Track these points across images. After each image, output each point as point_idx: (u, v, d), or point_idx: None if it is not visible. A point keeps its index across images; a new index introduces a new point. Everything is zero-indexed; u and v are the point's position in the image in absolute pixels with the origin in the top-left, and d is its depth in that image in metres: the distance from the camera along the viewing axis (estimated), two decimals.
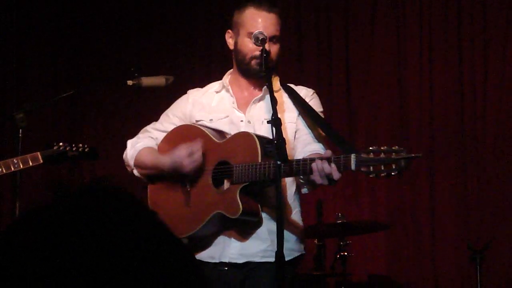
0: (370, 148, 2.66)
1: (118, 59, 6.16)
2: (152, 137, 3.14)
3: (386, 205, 5.59)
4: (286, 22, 3.20)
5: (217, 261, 2.95)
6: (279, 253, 2.61)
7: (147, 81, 3.54)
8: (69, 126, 6.24)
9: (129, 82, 3.51)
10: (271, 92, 2.79)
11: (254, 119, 3.00)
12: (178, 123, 3.13)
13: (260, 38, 2.91)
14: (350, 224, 4.64)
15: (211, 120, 3.06)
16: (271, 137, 2.73)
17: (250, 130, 2.97)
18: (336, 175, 2.66)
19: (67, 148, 3.80)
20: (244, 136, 2.90)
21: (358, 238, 5.17)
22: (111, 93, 6.16)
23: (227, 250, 2.94)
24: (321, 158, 2.71)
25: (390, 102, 5.68)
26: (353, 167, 2.65)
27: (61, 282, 0.95)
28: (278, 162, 2.66)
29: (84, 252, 0.96)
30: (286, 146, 2.84)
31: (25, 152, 3.62)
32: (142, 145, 3.10)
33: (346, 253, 4.68)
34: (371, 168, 2.63)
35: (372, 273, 5.54)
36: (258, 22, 3.01)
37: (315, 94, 3.15)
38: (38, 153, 3.69)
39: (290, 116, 3.04)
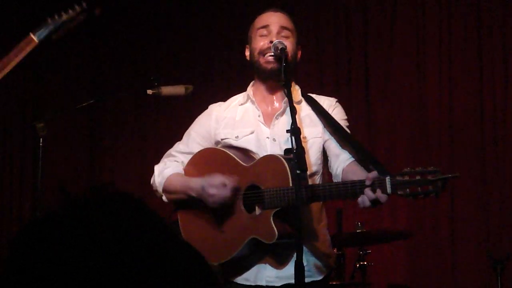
0: (404, 170, 2.62)
1: (138, 69, 6.19)
2: (178, 161, 3.09)
3: (406, 214, 5.57)
4: (305, 35, 3.17)
5: (253, 284, 2.92)
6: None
7: (166, 90, 3.54)
8: (90, 133, 6.29)
9: (149, 91, 3.53)
10: (290, 101, 2.75)
11: (279, 136, 2.93)
12: (202, 141, 3.08)
13: (279, 48, 2.89)
14: (369, 233, 4.62)
15: (236, 137, 3.00)
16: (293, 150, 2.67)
17: (275, 148, 2.91)
18: (383, 198, 2.62)
19: (63, 16, 3.34)
20: (273, 160, 2.82)
21: (377, 248, 5.15)
22: (131, 103, 6.20)
23: (263, 272, 2.91)
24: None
25: (410, 112, 5.67)
26: (389, 190, 2.61)
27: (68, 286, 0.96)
28: (298, 171, 2.60)
29: (89, 258, 0.97)
30: (312, 160, 2.87)
31: (47, 162, 3.57)
32: (170, 171, 3.05)
33: (365, 263, 4.66)
34: (408, 190, 2.60)
35: (392, 282, 5.52)
36: (264, 17, 3.05)
37: (337, 103, 3.09)
38: (31, 34, 3.28)
39: (315, 131, 2.98)
